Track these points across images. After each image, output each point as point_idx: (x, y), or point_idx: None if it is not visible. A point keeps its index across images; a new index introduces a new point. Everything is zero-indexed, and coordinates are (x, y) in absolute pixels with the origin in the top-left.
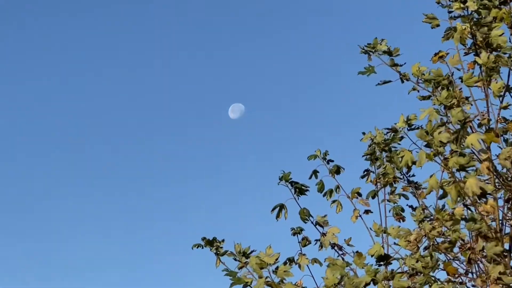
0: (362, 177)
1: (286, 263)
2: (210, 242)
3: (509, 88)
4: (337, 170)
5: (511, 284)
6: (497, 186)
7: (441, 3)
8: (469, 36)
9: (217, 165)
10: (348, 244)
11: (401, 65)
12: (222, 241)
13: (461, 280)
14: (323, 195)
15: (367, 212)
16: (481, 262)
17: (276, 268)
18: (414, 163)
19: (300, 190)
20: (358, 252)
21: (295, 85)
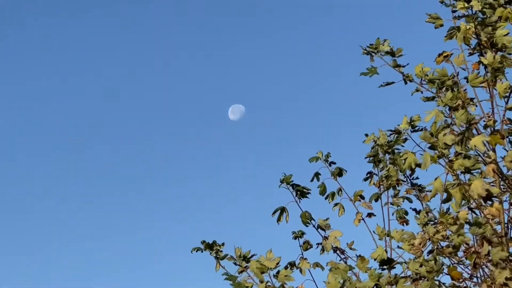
0: (365, 180)
1: (287, 267)
2: (209, 246)
3: None
4: (339, 173)
5: None
6: (503, 188)
7: (444, 2)
8: (474, 36)
9: (217, 166)
10: (351, 248)
11: (404, 66)
12: (222, 244)
13: (465, 284)
14: (325, 198)
15: (370, 215)
16: (486, 267)
17: (277, 272)
18: (418, 165)
19: (301, 192)
20: (360, 256)
21: (296, 86)
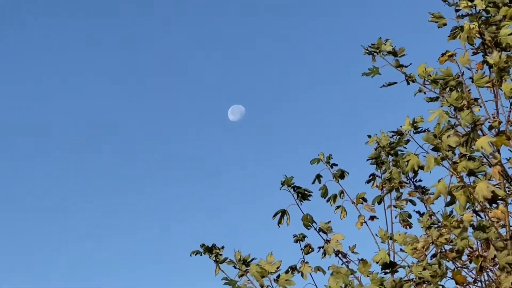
0: (368, 182)
1: (288, 271)
2: (209, 249)
3: None
4: (341, 175)
5: None
6: (508, 191)
7: (447, 1)
8: (477, 35)
9: (216, 167)
10: (353, 252)
11: (406, 66)
12: (222, 248)
13: None
14: (327, 201)
15: (372, 218)
16: (491, 271)
17: (278, 276)
18: (421, 167)
19: (303, 195)
20: (363, 259)
21: (297, 86)
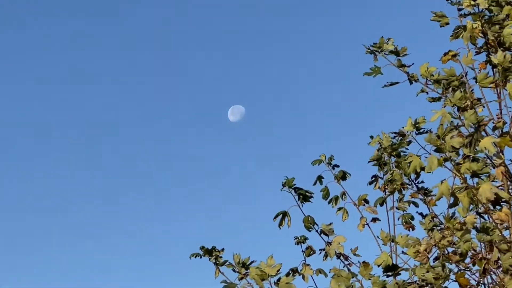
0: (370, 183)
1: (289, 274)
2: (208, 252)
3: None
4: (343, 176)
5: None
6: None
7: (450, 0)
8: (480, 35)
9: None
10: (355, 254)
11: (409, 66)
12: (222, 250)
13: None
14: (328, 202)
15: (374, 220)
16: (495, 274)
17: (278, 279)
18: (423, 169)
19: (304, 196)
20: (364, 262)
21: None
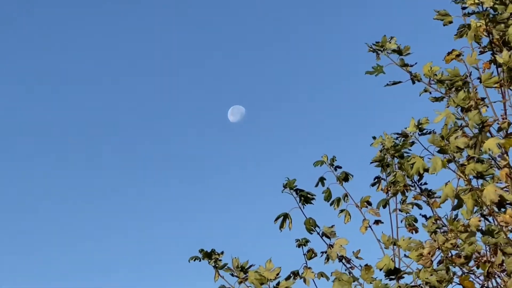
0: (373, 185)
1: (290, 277)
2: (208, 255)
3: None
4: (345, 177)
5: None
6: None
7: None
8: (485, 34)
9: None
10: (357, 257)
11: (411, 65)
12: (221, 253)
13: None
14: (330, 204)
15: (377, 222)
16: (499, 277)
17: (278, 283)
18: (426, 170)
19: (305, 198)
20: (366, 265)
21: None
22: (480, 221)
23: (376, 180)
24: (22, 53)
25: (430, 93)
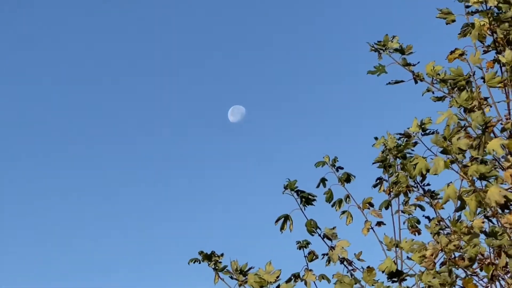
0: (375, 186)
1: (290, 280)
2: (208, 257)
3: None
4: (347, 178)
5: None
6: None
7: None
8: (489, 33)
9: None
10: (359, 259)
11: (414, 65)
12: (221, 255)
13: None
14: (332, 205)
15: (379, 224)
16: (503, 279)
17: (278, 286)
18: (429, 171)
19: (306, 199)
20: (368, 267)
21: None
22: (483, 222)
23: (378, 181)
24: (22, 53)
25: (433, 92)
